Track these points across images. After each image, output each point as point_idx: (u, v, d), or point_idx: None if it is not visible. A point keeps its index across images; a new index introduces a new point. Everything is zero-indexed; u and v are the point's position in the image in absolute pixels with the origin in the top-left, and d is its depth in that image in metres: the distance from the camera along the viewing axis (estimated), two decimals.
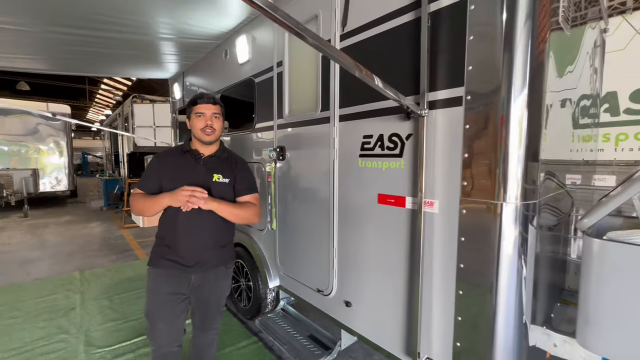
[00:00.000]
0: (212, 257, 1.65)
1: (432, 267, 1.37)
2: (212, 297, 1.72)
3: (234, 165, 1.72)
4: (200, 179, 1.59)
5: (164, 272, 1.60)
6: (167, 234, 1.61)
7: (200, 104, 1.61)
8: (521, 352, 1.28)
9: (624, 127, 4.33)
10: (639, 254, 1.42)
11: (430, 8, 1.30)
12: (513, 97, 1.13)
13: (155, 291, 1.60)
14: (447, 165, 1.30)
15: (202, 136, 1.61)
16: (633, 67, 4.23)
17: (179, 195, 1.48)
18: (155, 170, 1.62)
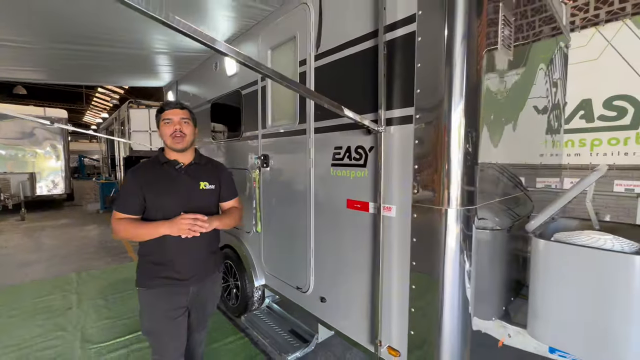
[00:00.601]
0: (207, 265, 1.66)
1: (391, 264, 1.55)
2: (209, 302, 1.75)
3: (217, 171, 1.71)
4: (187, 190, 1.56)
5: (161, 291, 1.54)
6: (157, 252, 1.52)
7: (167, 109, 1.55)
8: (465, 338, 1.45)
9: (598, 133, 4.56)
10: (576, 253, 1.62)
11: (386, 38, 1.48)
12: (453, 117, 1.31)
13: (153, 311, 1.54)
14: (401, 175, 1.48)
15: (173, 143, 1.53)
16: (606, 75, 4.46)
17: (179, 224, 1.42)
18: (134, 189, 1.49)
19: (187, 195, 1.55)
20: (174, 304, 1.56)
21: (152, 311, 1.54)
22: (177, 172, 1.57)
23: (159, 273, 1.53)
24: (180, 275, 1.55)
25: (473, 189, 1.39)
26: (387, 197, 1.54)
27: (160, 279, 1.53)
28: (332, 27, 1.83)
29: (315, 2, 1.91)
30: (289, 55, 2.15)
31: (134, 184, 1.50)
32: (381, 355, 1.61)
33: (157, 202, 1.50)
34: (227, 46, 0.98)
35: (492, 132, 1.60)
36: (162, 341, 1.56)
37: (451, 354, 1.43)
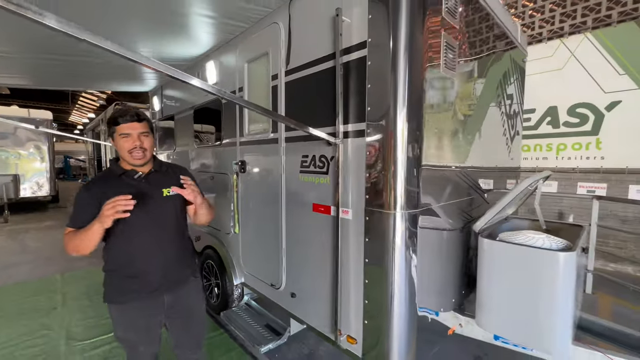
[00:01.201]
0: (178, 272, 1.59)
1: (349, 261, 1.74)
2: (192, 310, 1.66)
3: (178, 175, 1.59)
4: (149, 199, 1.49)
5: (133, 305, 1.49)
6: (125, 264, 1.48)
7: (123, 123, 1.42)
8: (412, 326, 1.64)
9: (563, 138, 4.87)
10: (513, 250, 1.83)
11: (342, 60, 1.66)
12: (397, 132, 1.50)
13: (126, 324, 1.51)
14: (356, 182, 1.67)
15: (133, 160, 1.45)
16: (570, 84, 4.77)
17: (103, 213, 1.27)
18: (88, 204, 1.39)
19: (150, 205, 1.46)
20: (148, 315, 1.52)
21: (126, 325, 1.51)
22: (137, 181, 1.49)
23: (129, 286, 1.47)
24: (151, 286, 1.49)
25: (417, 194, 1.59)
26: (344, 202, 1.72)
27: (131, 292, 1.47)
28: (299, 46, 2.00)
29: (285, 22, 2.08)
30: (263, 69, 2.32)
31: (88, 197, 1.41)
32: (341, 344, 1.79)
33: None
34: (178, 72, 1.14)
35: (440, 142, 1.81)
36: (137, 350, 1.55)
37: (399, 341, 1.62)
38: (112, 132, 1.46)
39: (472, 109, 2.17)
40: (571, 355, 1.78)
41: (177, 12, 2.15)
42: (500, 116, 2.64)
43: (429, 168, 1.69)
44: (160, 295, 1.54)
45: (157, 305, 1.54)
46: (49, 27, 0.82)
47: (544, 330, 1.72)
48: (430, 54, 1.62)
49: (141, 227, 1.47)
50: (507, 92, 2.70)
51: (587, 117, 4.63)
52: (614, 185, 4.48)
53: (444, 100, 1.79)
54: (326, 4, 1.77)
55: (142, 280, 1.49)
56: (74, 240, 1.35)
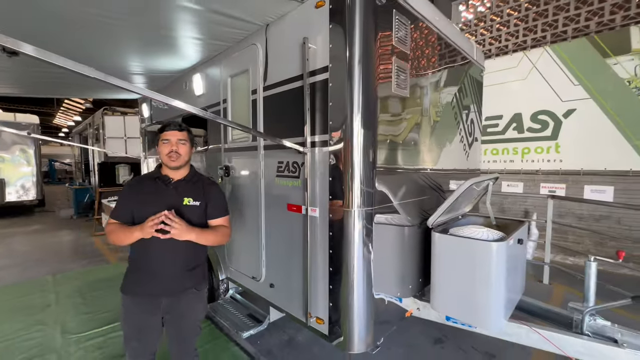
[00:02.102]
0: (180, 282, 1.68)
1: (316, 253, 2.02)
2: (184, 320, 1.73)
3: (205, 189, 1.75)
4: (170, 204, 1.61)
5: (136, 300, 1.65)
6: (140, 258, 1.64)
7: (167, 131, 1.68)
8: (369, 308, 1.93)
9: (527, 143, 5.30)
10: (458, 242, 2.13)
11: (309, 81, 1.95)
12: (354, 143, 1.79)
13: (128, 316, 1.67)
14: (322, 185, 1.96)
15: (168, 161, 1.66)
16: (532, 93, 5.21)
17: (146, 228, 1.48)
18: (127, 200, 1.66)
19: (168, 209, 1.58)
20: (146, 313, 1.65)
21: (127, 316, 1.67)
22: (166, 186, 1.68)
23: (137, 282, 1.64)
24: (152, 288, 1.63)
25: (372, 194, 1.88)
26: (312, 201, 2.00)
27: (138, 288, 1.64)
28: (275, 66, 2.28)
29: (263, 44, 2.36)
30: (244, 84, 2.59)
31: (128, 194, 1.67)
32: (311, 324, 2.07)
33: (142, 211, 1.58)
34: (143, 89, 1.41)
35: (395, 149, 2.11)
36: (130, 344, 1.68)
37: (358, 320, 1.90)
38: (158, 139, 1.71)
39: (427, 120, 2.49)
40: (505, 329, 2.10)
41: (167, 35, 2.41)
42: (456, 125, 2.97)
43: (384, 172, 2.00)
44: (159, 297, 1.65)
45: (155, 306, 1.66)
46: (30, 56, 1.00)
47: (481, 310, 2.03)
48: (382, 76, 1.92)
49: (160, 232, 1.56)
50: (463, 103, 3.04)
51: (548, 124, 5.06)
52: (571, 185, 4.91)
53: (396, 114, 2.09)
54: (296, 30, 2.06)
55: (151, 279, 1.63)
56: (117, 234, 1.58)
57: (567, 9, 4.90)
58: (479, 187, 2.63)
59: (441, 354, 2.60)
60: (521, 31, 5.37)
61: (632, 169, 4.39)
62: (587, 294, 2.18)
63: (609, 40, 4.48)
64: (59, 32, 2.27)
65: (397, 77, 2.02)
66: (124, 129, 7.82)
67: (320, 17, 1.90)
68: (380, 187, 1.96)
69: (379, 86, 1.90)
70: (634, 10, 4.37)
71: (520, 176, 5.41)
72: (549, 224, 3.97)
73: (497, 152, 5.61)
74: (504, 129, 5.50)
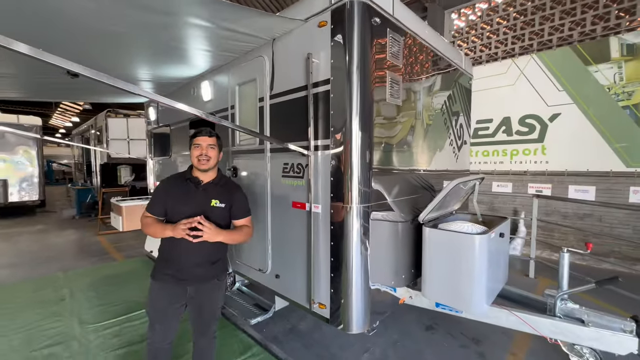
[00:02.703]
0: (205, 272, 1.87)
1: (319, 245, 2.25)
2: (205, 306, 1.91)
3: (231, 192, 1.95)
4: (200, 204, 1.81)
5: (162, 285, 1.84)
6: (171, 249, 1.82)
7: (199, 136, 1.88)
8: (366, 295, 2.16)
9: (516, 145, 5.58)
10: (445, 235, 2.37)
11: (312, 92, 2.19)
12: (352, 147, 2.03)
13: (154, 300, 1.85)
14: (324, 184, 2.19)
15: (198, 164, 1.85)
16: (520, 98, 5.50)
17: (178, 229, 1.69)
18: (161, 196, 1.86)
19: (199, 209, 1.79)
20: (171, 297, 1.83)
21: (153, 299, 1.85)
22: (196, 188, 1.86)
23: (165, 270, 1.83)
24: (180, 275, 1.81)
25: (369, 193, 2.12)
26: (315, 199, 2.24)
27: (165, 275, 1.83)
28: (281, 77, 2.52)
29: (269, 56, 2.59)
30: (251, 92, 2.82)
31: (162, 191, 1.87)
32: (314, 310, 2.30)
33: (175, 209, 1.81)
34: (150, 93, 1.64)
35: (390, 152, 2.36)
36: (153, 327, 1.86)
37: (356, 304, 2.14)
38: (190, 143, 1.91)
39: (418, 125, 2.74)
40: (487, 313, 2.35)
41: (177, 47, 2.62)
42: (446, 130, 3.23)
43: (380, 172, 2.24)
44: (185, 285, 1.84)
45: (181, 292, 1.84)
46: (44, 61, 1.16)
47: (465, 295, 2.28)
48: (377, 87, 2.17)
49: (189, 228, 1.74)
50: (452, 109, 3.30)
51: (535, 127, 5.35)
52: (556, 185, 5.20)
53: (391, 120, 2.34)
54: (301, 46, 2.30)
55: (177, 268, 1.82)
56: (152, 228, 1.80)
57: (552, 19, 5.20)
58: (465, 187, 2.88)
59: (432, 339, 2.85)
60: (510, 39, 5.65)
61: (612, 170, 4.68)
62: (561, 281, 2.44)
63: (591, 49, 4.77)
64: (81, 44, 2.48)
65: (390, 87, 2.27)
66: (126, 130, 8.00)
67: (323, 35, 2.14)
68: (376, 186, 2.20)
69: (375, 96, 2.14)
70: (613, 21, 4.66)
71: (509, 177, 5.68)
72: (534, 222, 4.23)
73: (487, 153, 5.89)
74: (494, 131, 5.78)
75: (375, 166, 2.18)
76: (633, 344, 1.96)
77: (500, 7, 5.81)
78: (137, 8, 1.90)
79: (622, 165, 4.60)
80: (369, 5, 2.05)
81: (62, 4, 1.79)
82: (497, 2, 5.87)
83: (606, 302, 3.49)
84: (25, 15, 1.92)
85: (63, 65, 1.25)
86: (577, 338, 2.12)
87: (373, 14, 2.10)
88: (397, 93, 2.35)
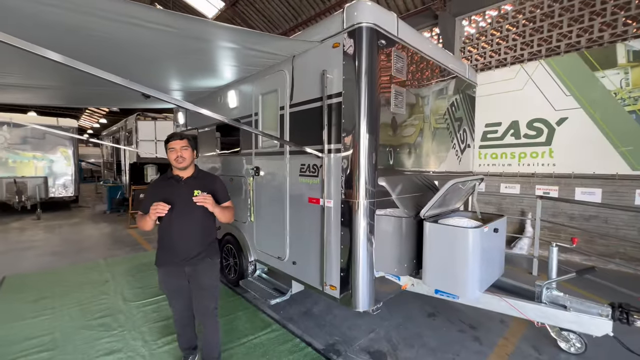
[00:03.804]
0: (199, 252, 2.16)
1: (331, 235, 2.60)
2: (203, 282, 2.19)
3: (210, 182, 2.27)
4: (184, 197, 2.11)
5: (166, 270, 2.17)
6: (165, 237, 2.15)
7: (171, 141, 2.14)
8: (371, 279, 2.50)
9: (524, 148, 5.76)
10: (444, 229, 2.68)
11: (327, 102, 2.55)
12: (360, 151, 2.38)
13: (164, 283, 2.21)
14: (336, 182, 2.55)
15: (176, 164, 2.14)
16: (528, 102, 5.68)
17: (151, 210, 1.98)
18: (150, 196, 2.15)
19: (184, 202, 2.10)
20: (175, 278, 2.17)
21: (164, 283, 2.22)
22: (178, 184, 2.17)
23: (164, 256, 2.16)
24: (177, 258, 2.13)
25: (374, 190, 2.46)
26: (328, 195, 2.60)
27: (167, 260, 2.16)
28: (300, 88, 2.89)
29: (289, 70, 2.97)
30: (273, 101, 3.21)
31: (150, 192, 2.20)
32: (326, 291, 2.66)
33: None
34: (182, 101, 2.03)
35: (397, 155, 2.69)
36: (171, 303, 2.28)
37: (362, 287, 2.48)
38: (166, 148, 2.18)
39: (422, 130, 3.05)
40: (480, 299, 2.64)
41: (207, 62, 3.03)
42: (449, 135, 3.52)
43: (386, 173, 2.57)
44: (183, 265, 2.15)
45: (181, 272, 2.17)
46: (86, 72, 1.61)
47: (460, 282, 2.58)
48: (383, 100, 2.51)
49: (177, 217, 2.11)
50: (455, 116, 3.58)
51: (542, 130, 5.51)
52: (563, 188, 5.34)
53: (394, 128, 2.67)
54: (317, 63, 2.67)
55: (174, 253, 2.14)
56: (141, 222, 2.11)
57: (561, 26, 5.35)
58: (465, 187, 3.17)
59: (432, 324, 3.14)
60: (519, 45, 5.83)
61: (618, 173, 4.79)
62: (550, 272, 2.71)
63: (598, 56, 4.91)
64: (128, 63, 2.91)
65: (395, 99, 2.60)
66: (154, 132, 8.62)
67: (336, 54, 2.49)
68: (382, 185, 2.54)
69: (381, 107, 2.48)
70: (620, 28, 4.79)
71: (517, 178, 5.85)
72: (537, 222, 4.43)
73: (496, 156, 6.07)
74: (502, 135, 5.96)
75: (381, 167, 2.52)
76: (608, 327, 2.21)
77: (509, 14, 5.99)
78: (183, 37, 2.31)
79: (627, 168, 4.72)
80: (376, 29, 2.40)
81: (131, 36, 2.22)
82: (506, 9, 6.05)
83: (591, 293, 3.69)
84: (104, 46, 2.36)
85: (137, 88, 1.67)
86: (559, 321, 2.39)
87: (380, 37, 2.44)
88: (401, 104, 2.68)
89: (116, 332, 2.92)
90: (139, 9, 1.84)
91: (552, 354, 2.63)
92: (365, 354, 2.65)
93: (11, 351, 2.63)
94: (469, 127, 3.94)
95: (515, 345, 2.78)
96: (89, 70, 1.46)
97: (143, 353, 2.61)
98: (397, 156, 2.75)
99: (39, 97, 4.19)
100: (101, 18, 1.92)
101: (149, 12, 1.90)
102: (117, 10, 1.86)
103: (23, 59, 2.52)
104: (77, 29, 2.07)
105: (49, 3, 1.73)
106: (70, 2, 1.74)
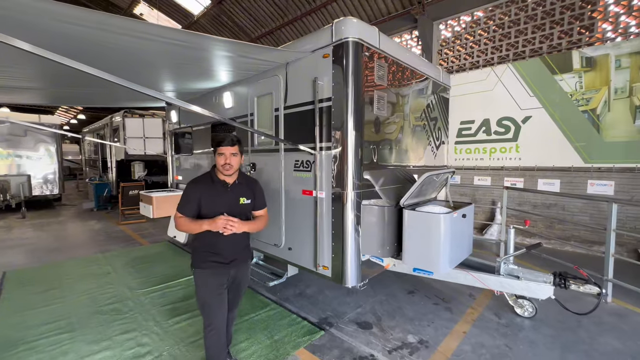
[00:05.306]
0: (243, 254, 2.22)
1: (323, 222, 2.98)
2: (243, 283, 2.26)
3: (252, 187, 2.24)
4: (231, 203, 2.11)
5: (210, 272, 2.07)
6: (212, 243, 2.06)
7: (222, 146, 2.04)
8: (358, 260, 2.90)
9: (494, 144, 6.31)
10: (420, 215, 3.08)
11: (318, 106, 2.90)
12: (348, 149, 2.76)
13: (206, 286, 2.07)
14: (327, 175, 2.92)
15: (222, 171, 2.07)
16: (498, 102, 6.22)
17: (217, 223, 1.95)
18: (193, 198, 2.06)
19: (230, 208, 2.09)
20: (220, 281, 2.08)
21: (206, 286, 2.07)
22: (224, 189, 2.13)
23: (209, 258, 2.07)
24: (226, 260, 2.10)
25: (359, 183, 2.85)
26: (320, 187, 2.97)
27: (211, 262, 2.07)
28: (293, 92, 3.22)
29: (284, 76, 3.30)
30: (268, 103, 3.52)
31: (193, 193, 2.07)
32: (319, 271, 3.04)
33: (209, 208, 2.05)
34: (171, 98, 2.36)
35: (378, 152, 3.08)
36: (212, 310, 2.06)
37: (350, 265, 2.87)
38: (214, 150, 2.10)
39: (400, 129, 3.46)
40: (450, 274, 3.10)
41: (203, 68, 3.31)
42: (425, 132, 3.95)
43: (371, 167, 2.96)
44: (229, 268, 2.13)
45: (225, 274, 2.13)
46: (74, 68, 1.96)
47: (434, 260, 3.01)
48: (367, 103, 2.89)
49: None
50: (431, 116, 4.02)
51: (510, 128, 6.08)
52: (528, 179, 5.95)
53: (377, 128, 3.06)
54: (309, 71, 3.01)
55: (220, 256, 2.10)
56: (188, 226, 2.03)
57: (526, 32, 5.90)
58: (439, 179, 3.61)
59: (411, 300, 3.60)
60: (489, 49, 6.36)
61: (573, 166, 5.42)
62: (508, 250, 3.19)
63: (557, 61, 5.48)
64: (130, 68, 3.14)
65: (377, 102, 2.99)
66: (142, 129, 8.67)
67: (326, 64, 2.85)
68: (367, 178, 2.93)
69: (365, 110, 2.86)
70: (575, 36, 5.37)
71: (488, 171, 6.43)
72: (504, 210, 4.97)
73: (470, 151, 6.61)
74: (475, 131, 6.50)
75: (366, 162, 2.91)
76: (550, 291, 2.71)
77: (481, 20, 6.50)
78: (185, 47, 2.59)
79: (581, 161, 5.35)
80: (361, 43, 2.76)
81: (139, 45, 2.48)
82: (479, 15, 6.56)
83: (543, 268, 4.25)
84: (110, 55, 2.61)
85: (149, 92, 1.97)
86: (513, 289, 2.88)
87: (364, 49, 2.81)
88: (383, 107, 3.07)
89: (128, 315, 3.19)
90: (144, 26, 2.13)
91: (509, 318, 3.14)
92: (353, 324, 3.07)
93: (30, 334, 2.86)
94: (443, 125, 4.39)
95: (480, 313, 3.28)
96: (100, 74, 1.74)
97: (157, 331, 2.91)
98: (380, 153, 3.15)
99: (23, 97, 4.29)
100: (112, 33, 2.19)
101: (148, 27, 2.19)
102: (124, 26, 2.13)
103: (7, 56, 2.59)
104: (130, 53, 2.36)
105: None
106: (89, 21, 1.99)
